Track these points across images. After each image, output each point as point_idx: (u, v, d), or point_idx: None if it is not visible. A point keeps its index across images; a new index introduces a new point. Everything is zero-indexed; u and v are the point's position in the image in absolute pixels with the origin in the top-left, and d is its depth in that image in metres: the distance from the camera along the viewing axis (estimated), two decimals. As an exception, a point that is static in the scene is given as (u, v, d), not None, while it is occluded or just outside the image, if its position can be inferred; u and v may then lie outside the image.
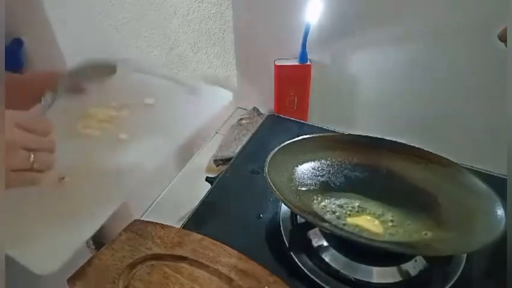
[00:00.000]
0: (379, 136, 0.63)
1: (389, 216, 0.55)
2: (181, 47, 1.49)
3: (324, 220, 0.53)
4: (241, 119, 1.87)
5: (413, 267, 0.51)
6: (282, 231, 0.57)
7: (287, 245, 0.55)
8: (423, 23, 1.43)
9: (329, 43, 1.65)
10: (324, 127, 0.80)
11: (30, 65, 0.69)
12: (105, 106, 0.49)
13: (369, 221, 0.55)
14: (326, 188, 0.60)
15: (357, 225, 0.54)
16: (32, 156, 0.36)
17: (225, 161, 1.59)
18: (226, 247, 0.50)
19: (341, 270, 0.51)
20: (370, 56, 1.62)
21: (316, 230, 0.55)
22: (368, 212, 0.56)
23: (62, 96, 0.45)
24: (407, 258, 0.51)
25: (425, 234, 0.51)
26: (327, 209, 0.56)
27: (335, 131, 0.75)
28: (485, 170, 0.66)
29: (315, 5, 1.52)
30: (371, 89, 1.69)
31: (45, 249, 0.43)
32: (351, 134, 0.65)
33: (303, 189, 0.58)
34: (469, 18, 1.35)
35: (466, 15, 1.35)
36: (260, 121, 0.85)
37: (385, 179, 0.60)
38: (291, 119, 0.84)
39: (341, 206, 0.57)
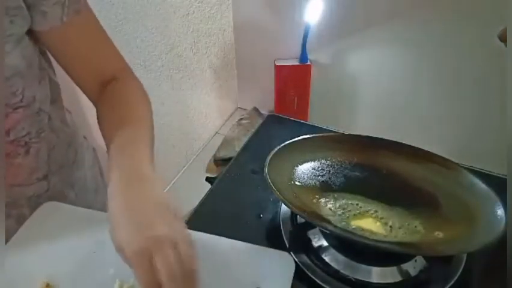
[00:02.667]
0: (379, 136, 0.63)
1: (389, 216, 0.55)
2: (181, 47, 1.49)
3: (324, 220, 0.53)
4: (241, 119, 1.88)
5: (413, 267, 0.51)
6: (282, 231, 0.57)
7: (287, 245, 0.55)
8: (423, 23, 1.43)
9: (329, 43, 1.66)
10: (324, 127, 0.80)
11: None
12: None
13: (370, 221, 0.55)
14: (326, 188, 0.60)
15: (357, 225, 0.54)
16: None
17: (225, 161, 1.59)
18: (226, 247, 0.50)
19: (341, 270, 0.51)
20: (370, 56, 1.62)
21: (317, 230, 0.55)
22: (368, 212, 0.56)
23: None
24: (407, 258, 0.51)
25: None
26: (327, 209, 0.56)
27: (335, 131, 0.75)
28: (485, 170, 0.66)
29: (315, 5, 1.52)
30: (371, 89, 1.69)
31: None
32: (351, 134, 0.65)
33: (303, 189, 0.58)
34: (468, 18, 1.35)
35: (466, 15, 1.35)
36: (260, 121, 0.85)
37: (385, 179, 0.60)
38: (291, 119, 0.84)
39: (341, 206, 0.57)
